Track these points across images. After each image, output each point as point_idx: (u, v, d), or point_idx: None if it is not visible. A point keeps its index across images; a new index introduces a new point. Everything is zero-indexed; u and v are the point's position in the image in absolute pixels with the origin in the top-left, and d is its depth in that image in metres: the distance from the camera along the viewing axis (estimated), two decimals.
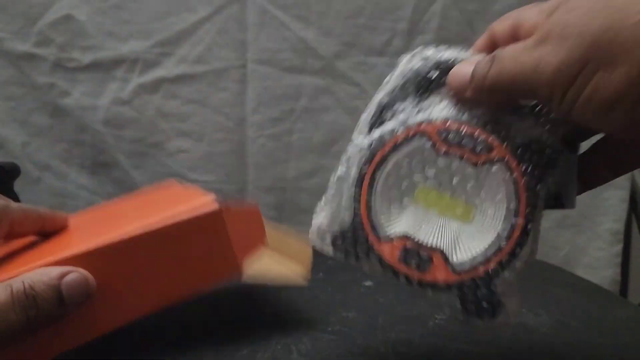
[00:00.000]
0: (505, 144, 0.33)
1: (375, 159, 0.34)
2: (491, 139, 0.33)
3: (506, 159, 0.33)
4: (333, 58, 0.74)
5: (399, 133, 0.34)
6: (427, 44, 0.79)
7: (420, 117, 0.35)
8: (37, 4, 0.74)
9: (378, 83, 0.36)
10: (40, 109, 0.77)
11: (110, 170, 0.78)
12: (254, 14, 0.74)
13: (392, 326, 0.43)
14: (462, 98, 0.34)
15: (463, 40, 0.74)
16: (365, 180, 0.34)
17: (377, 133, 0.35)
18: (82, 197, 0.79)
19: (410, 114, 0.35)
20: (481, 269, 0.31)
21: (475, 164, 0.33)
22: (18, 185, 0.64)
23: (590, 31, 0.27)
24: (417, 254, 0.32)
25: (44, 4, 0.74)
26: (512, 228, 0.32)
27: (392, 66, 0.36)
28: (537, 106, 0.33)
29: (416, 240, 0.33)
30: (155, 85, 0.76)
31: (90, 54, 0.75)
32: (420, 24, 0.72)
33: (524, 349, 0.40)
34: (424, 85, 0.36)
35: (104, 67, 0.76)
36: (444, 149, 0.34)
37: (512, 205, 0.32)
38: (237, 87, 0.76)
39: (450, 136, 0.34)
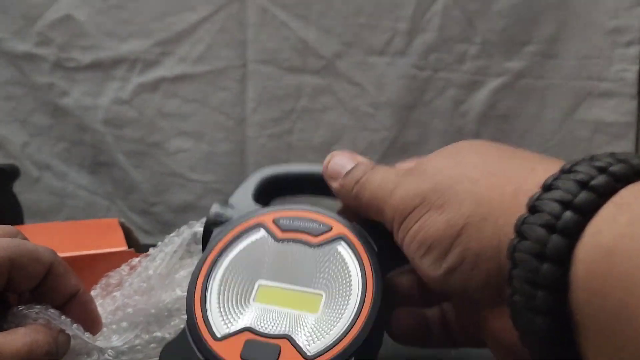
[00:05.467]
0: (343, 221, 0.32)
1: (210, 256, 0.33)
2: (328, 219, 0.33)
3: (346, 235, 0.32)
4: (333, 57, 0.74)
5: (234, 228, 0.34)
6: (428, 44, 0.79)
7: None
8: (37, 4, 0.74)
9: (378, 83, 0.35)
10: (40, 109, 0.77)
11: (110, 170, 0.78)
12: (254, 13, 0.74)
13: None
14: (330, 185, 0.34)
15: (464, 39, 0.74)
16: (200, 278, 0.32)
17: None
18: (81, 196, 0.79)
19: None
20: (333, 352, 0.28)
21: (315, 246, 0.32)
22: (17, 185, 0.64)
23: (439, 174, 0.28)
24: (262, 345, 0.29)
25: (44, 4, 0.74)
26: (360, 309, 0.29)
27: (392, 65, 0.35)
28: None
29: (259, 332, 0.30)
30: (155, 85, 0.76)
31: (90, 54, 0.75)
32: (421, 23, 0.72)
33: None
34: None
35: (103, 67, 0.76)
36: (281, 235, 0.33)
37: (359, 285, 0.30)
38: (237, 86, 0.76)
39: (287, 222, 0.33)
